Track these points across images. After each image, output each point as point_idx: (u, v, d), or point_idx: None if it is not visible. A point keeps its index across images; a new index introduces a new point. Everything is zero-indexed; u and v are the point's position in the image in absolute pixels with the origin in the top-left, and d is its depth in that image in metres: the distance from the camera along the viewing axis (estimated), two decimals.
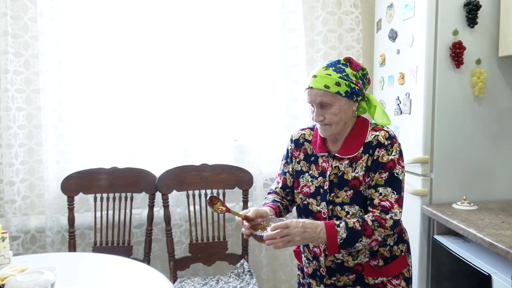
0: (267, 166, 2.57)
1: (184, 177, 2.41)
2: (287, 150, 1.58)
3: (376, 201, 1.36)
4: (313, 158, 1.50)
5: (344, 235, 1.31)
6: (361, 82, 1.42)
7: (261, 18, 2.51)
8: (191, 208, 2.43)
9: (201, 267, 2.53)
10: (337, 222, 1.33)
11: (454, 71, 1.98)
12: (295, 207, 1.56)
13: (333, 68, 1.40)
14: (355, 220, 1.34)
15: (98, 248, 2.35)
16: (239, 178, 2.43)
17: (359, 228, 1.32)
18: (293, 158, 1.56)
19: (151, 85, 2.47)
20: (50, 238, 2.40)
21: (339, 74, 1.38)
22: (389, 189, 1.36)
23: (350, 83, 1.38)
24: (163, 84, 2.47)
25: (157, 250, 2.55)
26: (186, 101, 2.50)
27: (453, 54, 1.95)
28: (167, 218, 2.37)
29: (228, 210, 1.44)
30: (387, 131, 1.41)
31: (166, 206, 2.37)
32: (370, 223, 1.33)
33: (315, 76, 1.40)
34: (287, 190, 1.58)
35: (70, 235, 2.34)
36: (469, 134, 2.02)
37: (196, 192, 2.43)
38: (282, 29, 2.52)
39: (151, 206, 2.38)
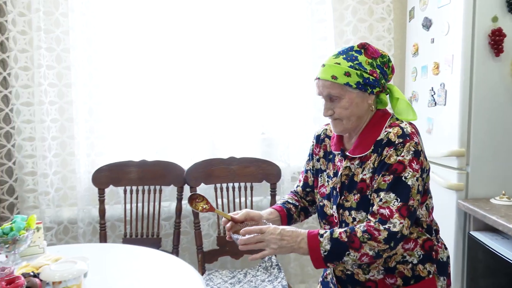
0: (295, 159, 2.54)
1: (211, 170, 2.41)
2: (310, 146, 1.48)
3: (375, 208, 1.18)
4: (331, 156, 1.38)
5: (328, 247, 1.16)
6: (379, 71, 1.25)
7: (290, 9, 2.47)
8: (219, 201, 2.43)
9: (229, 260, 2.53)
10: (322, 232, 1.19)
11: (493, 60, 1.89)
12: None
13: (344, 56, 1.24)
14: (342, 230, 1.18)
15: (128, 239, 2.39)
16: (266, 172, 2.41)
17: (345, 240, 1.16)
18: (314, 155, 1.45)
19: (179, 79, 2.48)
20: (82, 229, 2.45)
21: (349, 63, 1.22)
22: (392, 195, 1.17)
23: (363, 72, 1.22)
24: (192, 78, 2.47)
25: (185, 243, 2.57)
26: (214, 94, 2.49)
27: (492, 42, 1.86)
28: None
29: (212, 209, 1.34)
30: (402, 128, 1.22)
31: None
32: (359, 234, 1.16)
33: (323, 66, 1.26)
34: (307, 190, 1.47)
35: (101, 226, 2.38)
36: (509, 126, 1.92)
37: (224, 185, 2.42)
38: (310, 20, 2.47)
39: (179, 199, 2.39)
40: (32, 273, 1.34)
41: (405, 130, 1.21)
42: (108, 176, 2.39)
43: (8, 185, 2.35)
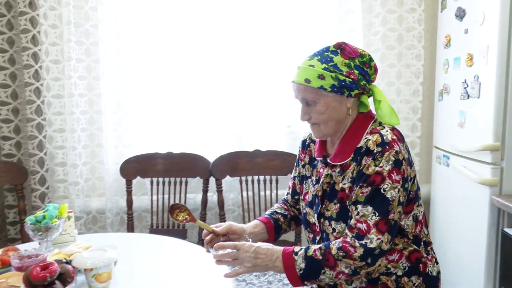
0: None
1: (237, 163, 2.41)
2: (298, 152, 1.44)
3: (352, 222, 1.13)
4: (315, 161, 1.33)
5: (303, 265, 1.12)
6: (357, 72, 1.18)
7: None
8: (244, 194, 2.43)
9: None
10: (296, 249, 1.15)
11: None
12: None
13: (319, 57, 1.18)
14: (317, 247, 1.14)
15: (154, 230, 2.42)
16: (292, 165, 2.37)
17: (320, 258, 1.12)
18: (300, 161, 1.41)
19: (207, 72, 2.48)
20: (110, 219, 2.50)
21: (324, 65, 1.16)
22: (370, 209, 1.11)
23: (339, 74, 1.15)
24: (219, 71, 2.47)
25: None
26: (240, 88, 2.49)
27: None
28: (221, 203, 2.39)
29: (193, 219, 1.31)
30: (382, 135, 1.14)
31: (219, 191, 2.38)
32: (334, 252, 1.11)
33: (298, 68, 1.21)
34: (296, 198, 1.43)
35: (128, 217, 2.42)
36: None
37: (249, 178, 2.42)
38: (338, 11, 2.43)
39: (205, 191, 2.40)
40: (64, 260, 1.37)
41: (384, 137, 1.14)
42: (135, 168, 2.43)
43: (40, 175, 2.41)
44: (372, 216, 1.11)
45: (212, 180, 2.42)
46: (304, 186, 1.36)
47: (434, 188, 2.47)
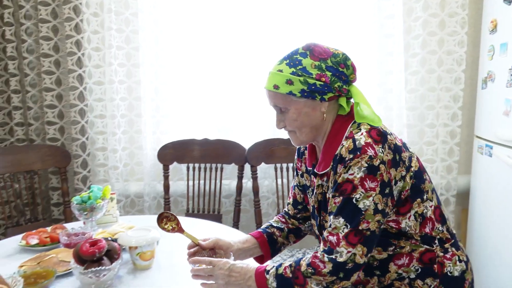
0: None
1: (272, 150, 2.42)
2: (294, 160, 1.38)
3: (325, 234, 1.08)
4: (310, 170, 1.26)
5: (274, 284, 1.08)
6: (330, 73, 1.10)
7: None
8: (279, 181, 2.44)
9: None
10: (269, 268, 1.11)
11: None
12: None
13: (288, 61, 1.12)
14: (288, 264, 1.10)
15: (190, 214, 2.47)
16: None
17: (290, 276, 1.07)
18: (297, 170, 1.35)
19: (242, 60, 2.49)
20: (148, 203, 2.57)
21: (292, 69, 1.10)
22: (341, 220, 1.05)
23: (307, 78, 1.08)
24: (254, 58, 2.47)
25: (244, 221, 2.62)
26: None
27: None
28: (256, 189, 2.41)
29: (181, 230, 1.29)
30: (355, 140, 1.06)
31: (254, 177, 2.40)
32: (303, 268, 1.07)
33: (269, 73, 1.15)
34: (299, 207, 1.37)
35: (165, 201, 2.48)
36: None
37: (284, 165, 2.43)
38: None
39: (240, 177, 2.43)
40: (110, 238, 1.43)
41: (357, 143, 1.06)
42: (172, 154, 2.48)
43: (82, 159, 2.50)
44: (343, 228, 1.05)
45: (247, 167, 2.44)
46: (308, 195, 1.30)
47: (474, 179, 2.40)
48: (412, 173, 1.12)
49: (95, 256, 1.24)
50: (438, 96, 2.44)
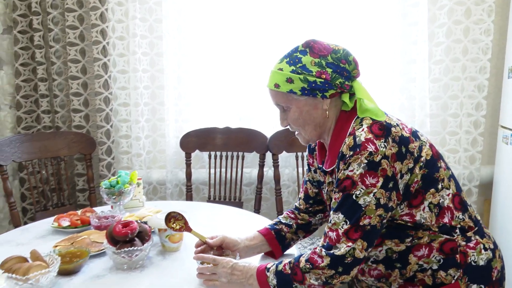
0: None
1: (293, 139, 2.39)
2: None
3: (326, 229, 1.09)
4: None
5: (275, 281, 1.09)
6: (330, 70, 1.09)
7: None
8: (300, 170, 2.46)
9: None
10: (269, 265, 1.13)
11: None
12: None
13: (288, 59, 1.12)
14: (287, 261, 1.11)
15: (211, 201, 2.51)
16: None
17: (289, 272, 1.09)
18: (310, 166, 1.35)
19: (262, 48, 2.49)
20: (170, 190, 2.62)
21: (292, 67, 1.10)
22: (341, 216, 1.05)
23: (307, 76, 1.09)
24: (275, 47, 2.47)
25: (265, 208, 2.65)
26: None
27: None
28: (277, 177, 2.43)
29: (188, 229, 1.31)
30: (355, 137, 1.06)
31: (276, 166, 2.42)
32: (301, 264, 1.08)
33: (270, 72, 1.16)
34: (311, 201, 1.37)
35: (187, 188, 2.52)
36: None
37: (305, 154, 2.43)
38: None
39: (261, 166, 2.45)
40: (139, 221, 1.47)
41: (357, 139, 1.05)
42: (194, 142, 2.52)
43: (107, 146, 2.56)
44: (343, 224, 1.05)
45: (268, 155, 2.46)
46: (323, 191, 1.29)
47: (498, 169, 2.37)
48: (422, 163, 1.09)
49: (127, 237, 1.28)
50: (462, 85, 2.41)
